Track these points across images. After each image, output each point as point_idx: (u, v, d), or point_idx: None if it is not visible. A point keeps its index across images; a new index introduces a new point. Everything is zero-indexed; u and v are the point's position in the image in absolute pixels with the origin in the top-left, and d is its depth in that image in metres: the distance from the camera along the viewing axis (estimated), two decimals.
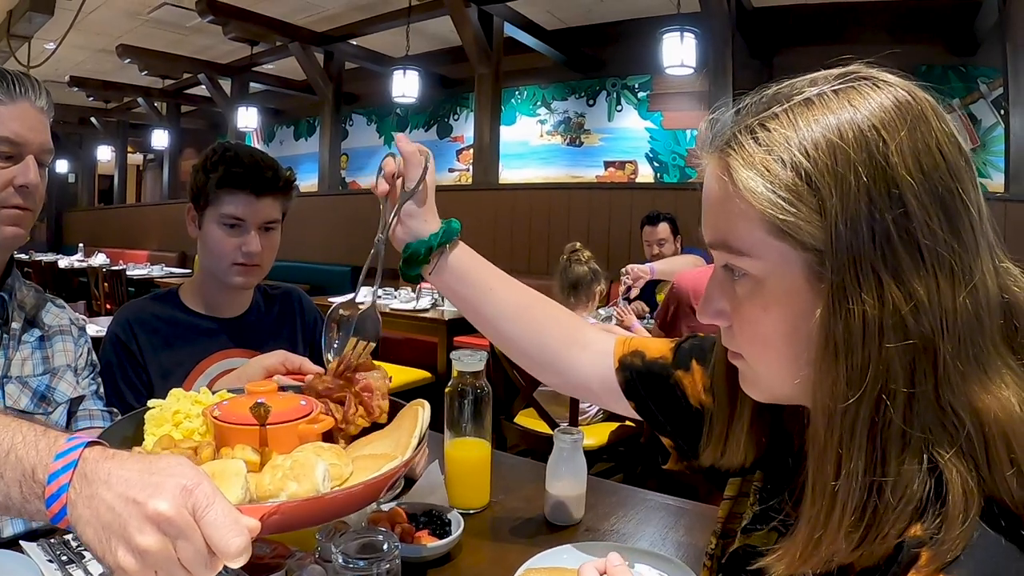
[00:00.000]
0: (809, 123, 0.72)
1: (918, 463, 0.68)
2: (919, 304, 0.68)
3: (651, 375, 1.17)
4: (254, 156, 1.87)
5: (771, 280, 0.76)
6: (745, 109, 0.79)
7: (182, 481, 0.72)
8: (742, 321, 0.82)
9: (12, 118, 1.37)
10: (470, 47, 8.22)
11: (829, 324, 0.71)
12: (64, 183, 16.28)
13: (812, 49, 7.32)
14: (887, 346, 0.68)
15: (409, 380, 5.24)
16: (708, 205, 0.82)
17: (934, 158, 0.70)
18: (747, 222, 0.75)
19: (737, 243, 0.77)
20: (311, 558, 1.23)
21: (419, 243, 1.23)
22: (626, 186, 8.70)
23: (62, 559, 1.26)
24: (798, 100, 0.74)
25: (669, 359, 1.16)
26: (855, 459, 0.70)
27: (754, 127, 0.75)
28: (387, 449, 1.08)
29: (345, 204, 9.71)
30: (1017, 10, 5.51)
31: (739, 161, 0.74)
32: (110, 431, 1.18)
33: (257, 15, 8.89)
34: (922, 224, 0.68)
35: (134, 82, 12.38)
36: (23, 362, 1.53)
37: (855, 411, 0.70)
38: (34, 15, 7.91)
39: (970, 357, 0.69)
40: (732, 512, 1.04)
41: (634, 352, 1.20)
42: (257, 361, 1.57)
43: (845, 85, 0.74)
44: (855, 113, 0.71)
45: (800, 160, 0.71)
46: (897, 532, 0.68)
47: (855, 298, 0.69)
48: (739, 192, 0.74)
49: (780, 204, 0.71)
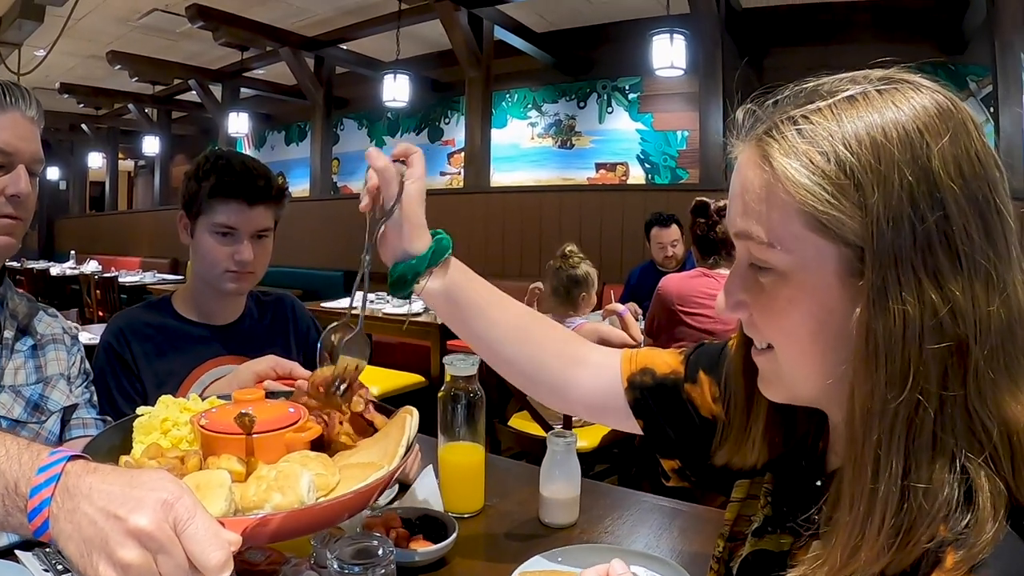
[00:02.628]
0: (853, 119, 0.72)
1: (949, 468, 0.68)
2: (956, 308, 0.68)
3: (662, 391, 1.14)
4: (246, 164, 1.86)
5: (801, 274, 0.75)
6: (784, 101, 0.79)
7: (163, 495, 0.72)
8: (766, 313, 0.81)
9: (2, 128, 1.37)
10: (460, 50, 8.23)
11: (870, 323, 0.70)
12: (55, 190, 16.22)
13: (801, 49, 7.36)
14: (926, 347, 0.68)
15: (402, 384, 5.24)
16: (741, 195, 0.80)
17: (974, 166, 0.70)
18: (784, 213, 0.74)
19: (770, 235, 0.76)
20: (306, 564, 1.23)
21: (406, 266, 1.17)
22: (617, 188, 8.72)
23: (57, 568, 1.26)
24: (842, 96, 0.74)
25: (681, 373, 1.14)
26: (894, 462, 0.69)
27: (796, 118, 0.74)
28: (375, 458, 1.07)
29: (336, 209, 9.70)
30: (1004, 8, 5.54)
31: (779, 150, 0.74)
32: (97, 440, 1.18)
33: (247, 20, 8.88)
34: (961, 229, 0.69)
35: (125, 88, 12.35)
36: (16, 371, 1.53)
37: (894, 413, 0.69)
38: (24, 22, 7.88)
39: (1001, 365, 0.70)
40: (740, 515, 1.03)
41: (643, 369, 1.17)
42: (247, 367, 1.57)
43: (888, 86, 0.74)
44: (899, 113, 0.71)
45: (844, 154, 0.71)
46: (928, 538, 0.68)
47: (896, 297, 0.69)
48: (779, 181, 0.73)
49: (823, 196, 0.71)
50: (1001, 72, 5.64)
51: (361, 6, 8.75)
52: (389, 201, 1.15)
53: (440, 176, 10.94)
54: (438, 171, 10.96)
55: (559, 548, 1.41)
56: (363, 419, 1.22)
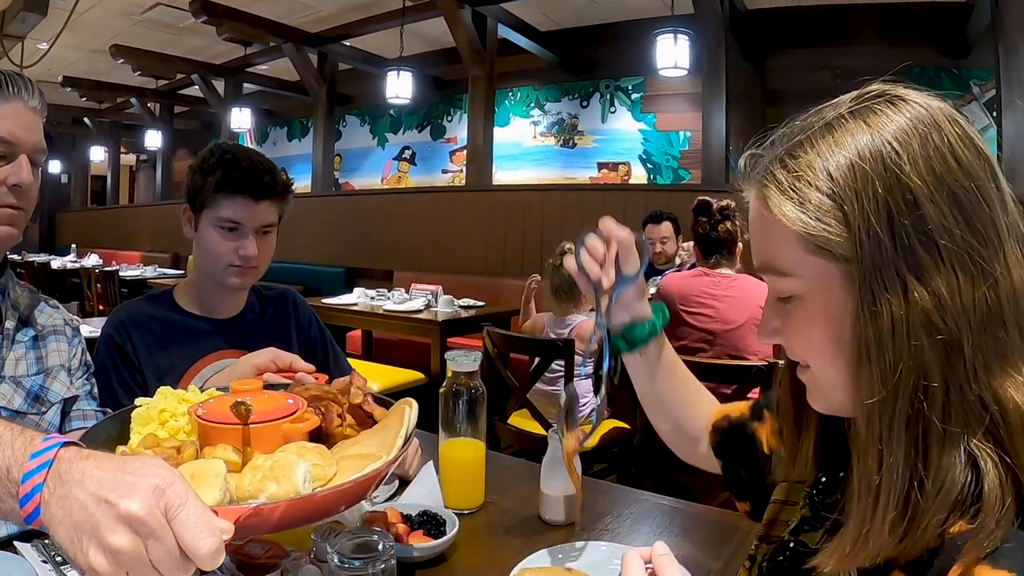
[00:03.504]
0: (831, 147, 0.78)
1: (956, 454, 0.72)
2: (942, 301, 0.73)
3: (734, 432, 1.28)
4: (252, 159, 1.86)
5: (813, 295, 0.81)
6: (777, 140, 0.85)
7: (155, 481, 0.72)
8: (794, 335, 0.87)
9: (5, 117, 1.37)
10: (464, 48, 8.23)
11: (860, 327, 0.76)
12: (57, 183, 16.23)
13: (805, 51, 7.37)
14: (914, 343, 0.73)
15: (402, 381, 5.23)
16: (753, 234, 0.88)
17: (946, 161, 0.74)
18: (785, 244, 0.81)
19: (780, 265, 0.83)
20: (306, 558, 1.23)
21: (643, 327, 1.27)
22: (619, 187, 8.72)
23: (56, 559, 1.26)
24: (819, 127, 0.80)
25: (748, 415, 1.28)
26: (895, 453, 0.73)
27: (783, 157, 0.81)
28: (373, 449, 1.07)
29: (338, 205, 9.72)
30: (1009, 13, 5.54)
31: (773, 190, 0.81)
32: (95, 430, 1.18)
33: (251, 16, 8.89)
34: (938, 225, 0.73)
35: (127, 82, 12.36)
36: (17, 362, 1.52)
37: (891, 407, 0.74)
38: (27, 15, 7.89)
39: (992, 350, 0.73)
40: (777, 519, 1.07)
41: (723, 417, 1.31)
42: (247, 359, 1.57)
43: (861, 106, 0.79)
44: (871, 132, 0.76)
45: (824, 182, 0.77)
46: (938, 523, 0.71)
47: (882, 300, 0.74)
48: (775, 218, 0.80)
49: (811, 222, 0.77)
50: (1005, 76, 5.64)
51: (365, 3, 8.76)
52: (632, 268, 1.22)
53: (442, 174, 10.96)
54: (440, 169, 10.97)
55: (559, 545, 1.41)
56: (362, 411, 1.22)
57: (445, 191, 9.61)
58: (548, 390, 3.92)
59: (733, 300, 3.51)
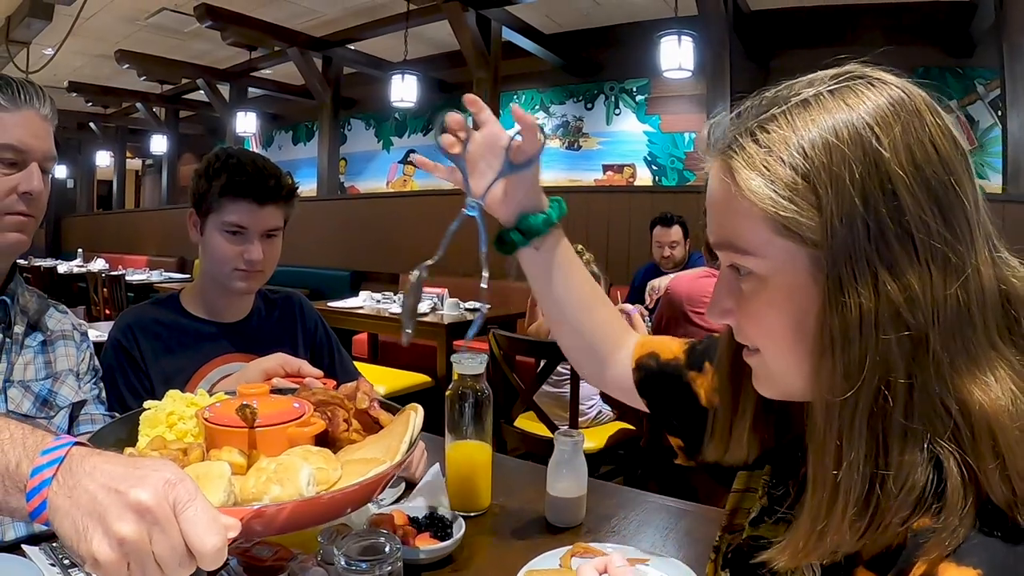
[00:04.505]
0: (807, 123, 0.74)
1: (919, 453, 0.69)
2: (913, 296, 0.70)
3: (664, 375, 1.21)
4: (257, 164, 1.87)
5: (777, 277, 0.77)
6: (745, 112, 0.81)
7: (166, 475, 0.72)
8: (749, 317, 0.83)
9: (16, 125, 1.38)
10: (468, 51, 8.23)
11: (826, 317, 0.73)
12: (63, 188, 16.25)
13: (809, 52, 7.24)
14: (883, 337, 0.70)
15: (408, 384, 5.24)
16: (712, 207, 0.83)
17: (927, 151, 0.71)
18: (751, 221, 0.76)
19: (742, 242, 0.78)
20: (313, 560, 1.24)
21: (537, 216, 1.21)
22: (625, 189, 8.71)
23: (64, 563, 1.26)
24: (796, 102, 0.76)
25: (682, 360, 1.20)
26: (856, 449, 0.71)
27: (754, 129, 0.77)
28: (378, 454, 1.07)
29: (344, 209, 9.72)
30: (1013, 12, 5.53)
31: (741, 163, 0.76)
32: (103, 432, 1.18)
33: (255, 20, 8.89)
34: (915, 217, 0.70)
35: (133, 87, 12.40)
36: (25, 366, 1.53)
37: (854, 402, 0.71)
38: (33, 21, 7.92)
39: (959, 349, 0.70)
40: (739, 507, 1.05)
41: (650, 354, 1.24)
42: (256, 364, 1.58)
43: (841, 85, 0.76)
44: (850, 112, 0.73)
45: (798, 159, 0.73)
46: (900, 520, 0.69)
47: (851, 291, 0.71)
48: (742, 192, 0.75)
49: (781, 202, 0.73)
50: (1009, 75, 5.63)
51: (369, 7, 8.76)
52: (529, 153, 1.17)
53: None
54: None
55: (565, 547, 1.41)
56: (368, 416, 1.23)
57: (450, 194, 9.57)
58: (554, 392, 3.92)
59: None
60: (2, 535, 1.42)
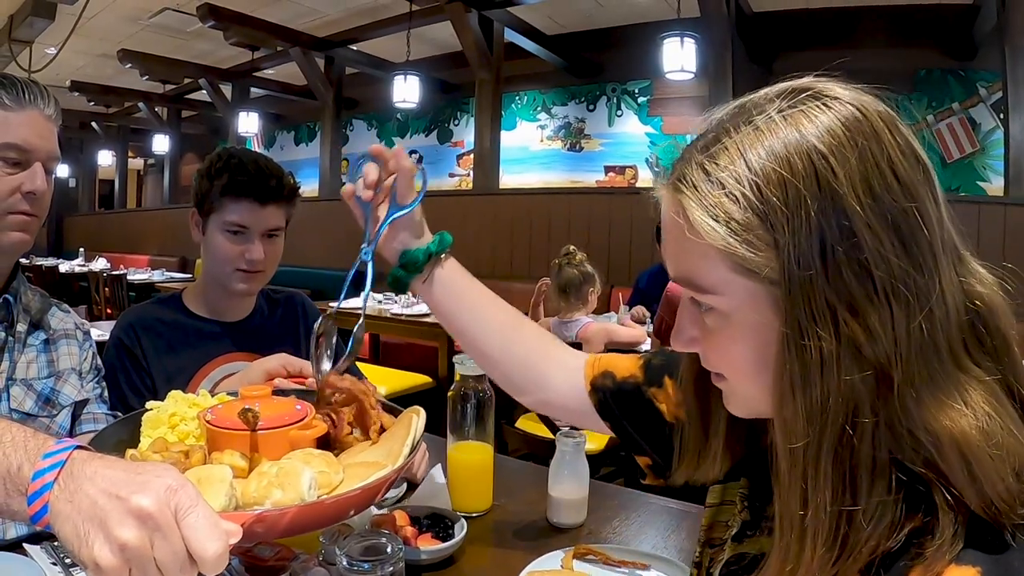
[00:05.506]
0: (759, 154, 0.71)
1: (888, 485, 0.68)
2: (874, 334, 0.68)
3: (623, 394, 1.17)
4: (259, 163, 1.87)
5: (739, 315, 0.75)
6: (696, 139, 0.78)
7: (168, 481, 0.72)
8: (713, 350, 0.82)
9: (21, 125, 1.38)
10: (471, 52, 8.24)
11: (785, 361, 0.71)
12: (65, 188, 16.25)
13: (811, 54, 7.30)
14: (845, 379, 0.68)
15: (410, 385, 5.24)
16: (667, 241, 0.80)
17: (885, 179, 0.68)
18: (707, 260, 0.74)
19: (701, 281, 0.76)
20: (315, 561, 1.24)
21: (416, 250, 1.21)
22: (627, 191, 8.70)
23: (65, 561, 1.27)
24: (747, 130, 0.73)
25: (640, 377, 1.17)
26: (821, 492, 0.69)
27: (704, 163, 0.74)
28: (379, 457, 1.07)
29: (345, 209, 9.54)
30: (1016, 14, 5.53)
31: (692, 201, 0.73)
32: (105, 433, 1.18)
33: (258, 20, 8.90)
34: (874, 253, 0.67)
35: (135, 87, 12.41)
36: (28, 365, 1.54)
37: (817, 444, 0.69)
38: (35, 20, 7.93)
39: (925, 379, 0.68)
40: (716, 521, 1.03)
41: (604, 373, 1.20)
42: (258, 364, 1.58)
43: (792, 108, 0.72)
44: (803, 139, 0.70)
45: (751, 196, 0.70)
46: (871, 549, 0.68)
47: (810, 333, 0.69)
48: (696, 233, 0.73)
49: (735, 242, 0.71)
50: (1012, 78, 5.63)
51: (372, 7, 8.77)
52: (408, 197, 1.18)
53: (449, 178, 10.96)
54: (447, 172, 10.97)
55: (567, 548, 1.41)
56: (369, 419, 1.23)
57: (452, 195, 9.62)
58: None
59: None
60: (3, 533, 1.42)
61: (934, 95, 7.10)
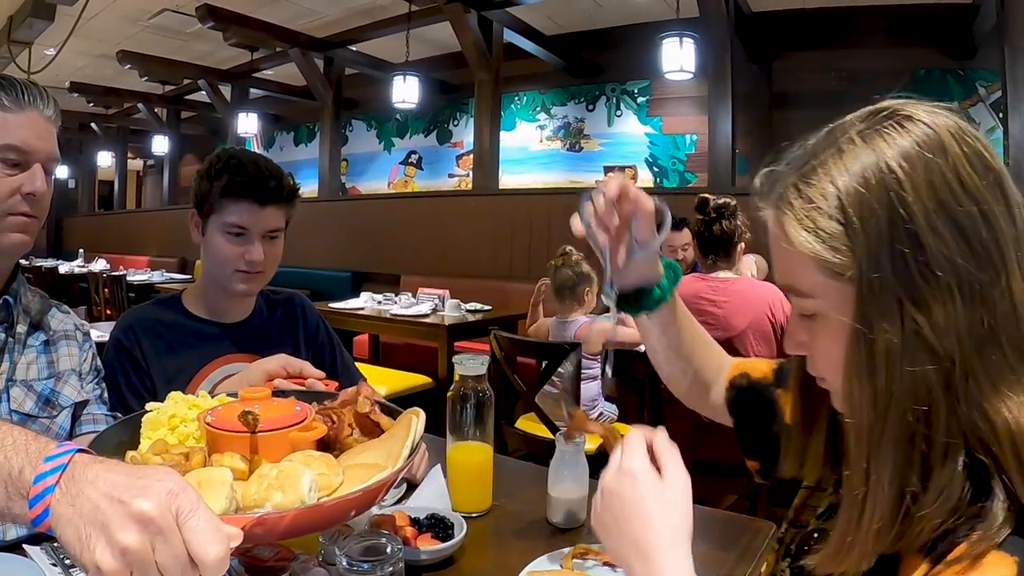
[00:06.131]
0: (841, 172, 0.80)
1: (953, 468, 0.75)
2: (936, 327, 0.75)
3: (753, 392, 1.30)
4: (258, 164, 1.87)
5: (832, 314, 0.83)
6: (792, 162, 0.87)
7: (169, 485, 0.72)
8: (818, 351, 0.90)
9: (20, 126, 1.38)
10: (470, 53, 8.24)
11: (856, 351, 0.79)
12: (64, 189, 16.23)
13: (811, 53, 7.37)
14: (909, 369, 0.75)
15: (409, 385, 5.23)
16: (773, 254, 0.91)
17: (950, 187, 0.76)
18: (804, 268, 0.83)
19: (800, 287, 0.86)
20: (314, 561, 1.24)
21: (654, 291, 1.24)
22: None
23: (65, 562, 1.26)
24: (831, 151, 0.82)
25: (771, 379, 1.29)
26: (881, 471, 0.77)
27: (798, 183, 0.83)
28: (379, 459, 1.07)
29: (345, 210, 9.72)
30: (1015, 14, 5.53)
31: (789, 216, 0.83)
32: (106, 434, 1.18)
33: (257, 21, 8.90)
34: (938, 255, 0.75)
35: (134, 88, 12.41)
36: (28, 366, 1.54)
37: (881, 428, 0.77)
38: (35, 21, 7.94)
39: (984, 371, 0.75)
40: (807, 504, 1.10)
41: (742, 374, 1.33)
42: (258, 365, 1.58)
43: (870, 129, 0.81)
44: (878, 158, 0.78)
45: (835, 211, 0.79)
46: (933, 527, 0.75)
47: (878, 326, 0.77)
48: (793, 245, 0.82)
49: (825, 251, 0.80)
50: (1011, 77, 5.63)
51: (371, 8, 8.77)
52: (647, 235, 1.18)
53: (449, 178, 10.96)
54: (446, 173, 10.98)
55: (567, 548, 1.41)
56: (369, 420, 1.23)
57: (452, 195, 9.62)
58: (556, 393, 3.92)
59: (733, 305, 3.41)
60: (3, 534, 1.42)
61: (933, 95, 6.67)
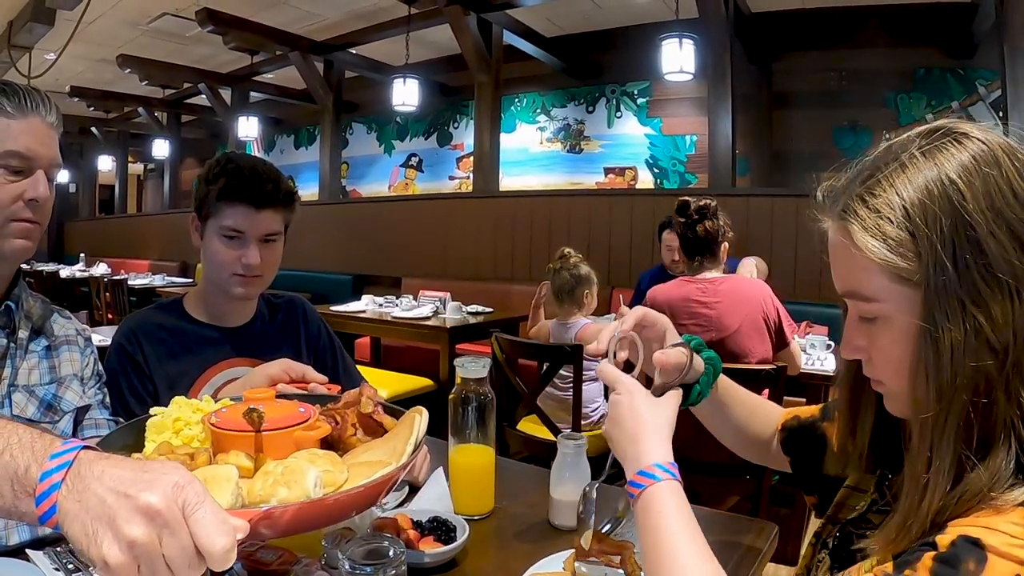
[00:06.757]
0: (905, 185, 0.88)
1: (1005, 451, 0.83)
2: (995, 324, 0.83)
3: (803, 431, 1.39)
4: (255, 167, 1.86)
5: (898, 317, 0.91)
6: (854, 176, 0.95)
7: (175, 478, 0.73)
8: (879, 354, 0.97)
9: (23, 133, 1.39)
10: (470, 55, 8.24)
11: (921, 349, 0.87)
12: (65, 193, 16.23)
13: (810, 54, 7.38)
14: (971, 363, 0.84)
15: (411, 388, 5.24)
16: (835, 263, 0.98)
17: (1005, 196, 0.85)
18: (870, 273, 0.91)
19: (866, 291, 0.93)
20: (317, 564, 1.24)
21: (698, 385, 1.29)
22: (626, 192, 8.70)
23: (68, 567, 1.27)
24: (894, 166, 0.90)
25: (818, 415, 1.38)
26: (943, 458, 0.85)
27: (863, 195, 0.91)
28: (383, 456, 1.07)
29: (345, 212, 9.73)
30: (1014, 12, 5.52)
31: (857, 226, 0.90)
32: (110, 438, 1.18)
33: (257, 24, 8.91)
34: (997, 259, 0.83)
35: (134, 92, 12.43)
36: (30, 371, 1.54)
37: (944, 419, 0.85)
38: (35, 25, 7.94)
39: None
40: (846, 503, 1.17)
41: (793, 417, 1.42)
42: (260, 370, 1.58)
43: (930, 145, 0.90)
44: (939, 171, 0.87)
45: (901, 219, 0.87)
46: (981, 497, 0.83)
47: (944, 326, 0.85)
48: (860, 252, 0.90)
49: (892, 256, 0.88)
50: (1010, 76, 5.62)
51: (371, 11, 8.78)
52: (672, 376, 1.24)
53: (449, 180, 10.96)
54: (447, 175, 10.98)
55: (568, 550, 1.41)
56: (372, 420, 1.23)
57: (452, 198, 9.61)
58: (557, 395, 3.93)
59: (725, 305, 3.38)
60: (6, 540, 1.42)
61: (933, 94, 7.09)
